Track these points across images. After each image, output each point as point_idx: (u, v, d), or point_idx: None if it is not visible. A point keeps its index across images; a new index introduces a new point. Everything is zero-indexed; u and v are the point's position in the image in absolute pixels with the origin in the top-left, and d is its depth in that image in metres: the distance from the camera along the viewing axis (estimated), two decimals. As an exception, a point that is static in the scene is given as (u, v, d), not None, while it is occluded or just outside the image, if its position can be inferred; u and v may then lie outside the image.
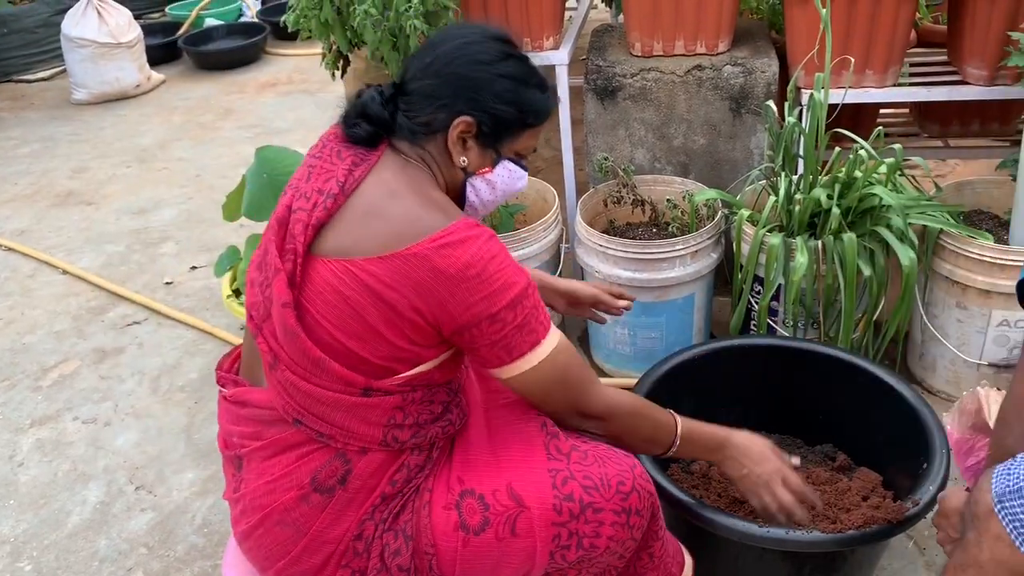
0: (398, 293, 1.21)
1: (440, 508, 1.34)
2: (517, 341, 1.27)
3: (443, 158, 1.36)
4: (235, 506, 1.39)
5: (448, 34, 1.38)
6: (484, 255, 1.22)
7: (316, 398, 1.28)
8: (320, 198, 1.28)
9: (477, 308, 1.22)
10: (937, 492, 1.60)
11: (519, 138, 1.40)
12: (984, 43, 2.30)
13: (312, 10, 2.33)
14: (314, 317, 1.25)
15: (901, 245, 2.00)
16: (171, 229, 3.52)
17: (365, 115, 1.34)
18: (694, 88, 2.44)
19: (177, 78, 5.28)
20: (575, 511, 1.33)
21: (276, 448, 1.32)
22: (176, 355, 2.72)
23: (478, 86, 1.32)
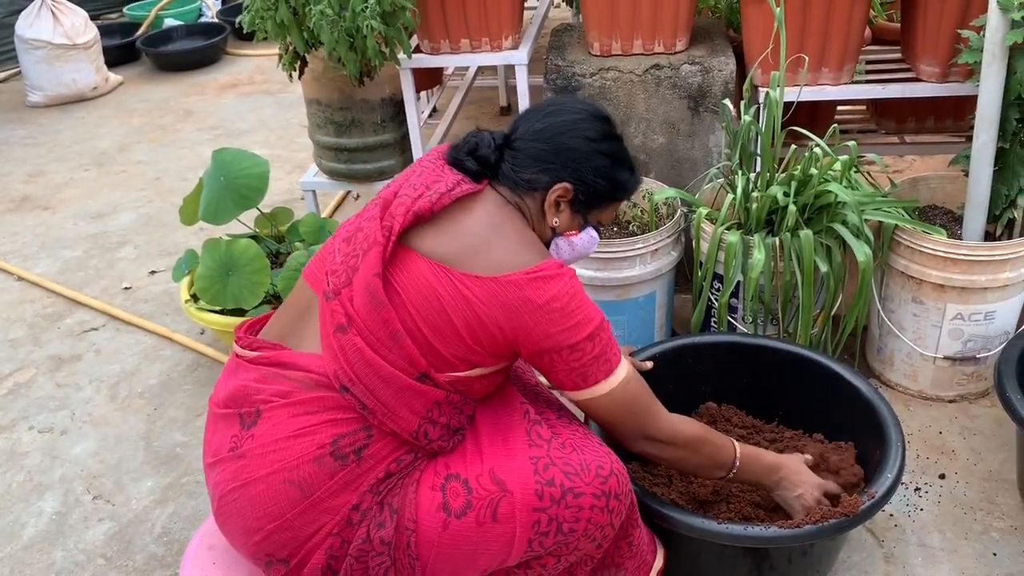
0: (489, 310, 1.35)
1: (426, 488, 1.40)
2: (593, 370, 1.41)
3: (538, 213, 1.50)
4: (228, 464, 1.40)
5: (563, 106, 1.54)
6: (568, 291, 1.37)
7: (375, 369, 1.35)
8: (427, 192, 1.41)
9: (559, 337, 1.37)
10: (894, 484, 1.62)
11: (605, 209, 1.57)
12: (936, 41, 2.33)
13: (267, 11, 2.31)
14: (402, 300, 1.36)
15: (857, 241, 2.02)
16: (130, 233, 3.47)
17: (474, 154, 1.48)
18: (652, 87, 2.45)
19: (136, 79, 5.21)
20: (556, 496, 1.38)
21: (309, 408, 1.38)
22: (135, 361, 2.68)
23: (582, 159, 1.48)
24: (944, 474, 2.06)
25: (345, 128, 2.71)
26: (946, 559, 1.85)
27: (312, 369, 1.40)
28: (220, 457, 1.42)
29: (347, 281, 1.39)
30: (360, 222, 1.46)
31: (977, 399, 2.26)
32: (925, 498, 2.00)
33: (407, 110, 2.67)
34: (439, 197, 1.40)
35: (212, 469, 1.44)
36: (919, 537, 1.90)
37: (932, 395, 2.27)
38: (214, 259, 2.38)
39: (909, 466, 2.08)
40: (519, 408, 1.50)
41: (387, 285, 1.37)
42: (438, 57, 2.58)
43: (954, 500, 1.99)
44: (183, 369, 2.63)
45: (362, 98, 2.66)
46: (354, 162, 2.77)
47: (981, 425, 2.19)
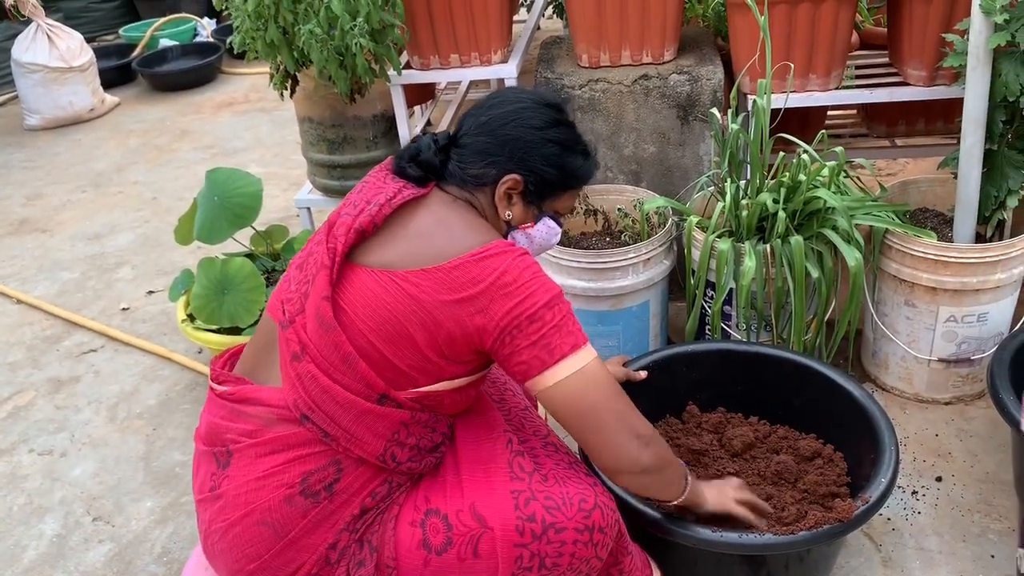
0: (439, 303, 1.30)
1: (406, 524, 1.38)
2: (557, 341, 1.32)
3: (490, 208, 1.46)
4: (210, 505, 1.40)
5: (505, 97, 1.49)
6: (519, 265, 1.32)
7: (332, 396, 1.33)
8: (367, 207, 1.38)
9: (517, 310, 1.30)
10: (888, 488, 1.62)
11: (560, 198, 1.51)
12: (922, 45, 2.35)
13: (257, 31, 2.33)
14: (351, 319, 1.33)
15: (847, 246, 2.03)
16: (127, 254, 3.48)
17: (416, 159, 1.45)
18: (642, 97, 2.46)
19: (132, 100, 5.23)
20: (537, 532, 1.35)
21: (274, 446, 1.36)
22: (134, 382, 2.69)
23: (528, 148, 1.43)
24: (941, 477, 2.06)
25: (338, 145, 2.73)
26: (944, 562, 1.85)
27: (273, 403, 1.38)
28: (203, 496, 1.42)
29: (300, 308, 1.37)
30: (311, 247, 1.43)
31: (973, 401, 2.26)
32: (922, 501, 2.00)
33: (399, 126, 2.68)
34: (379, 209, 1.37)
35: (199, 506, 1.45)
36: (917, 540, 1.90)
37: (928, 398, 2.27)
38: (209, 278, 2.39)
39: (906, 469, 2.09)
40: (502, 437, 1.47)
41: (336, 307, 1.34)
42: (428, 73, 2.59)
43: (951, 503, 1.99)
44: (181, 388, 2.64)
45: (354, 115, 2.68)
46: (347, 179, 2.78)
47: (977, 427, 2.19)
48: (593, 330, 2.32)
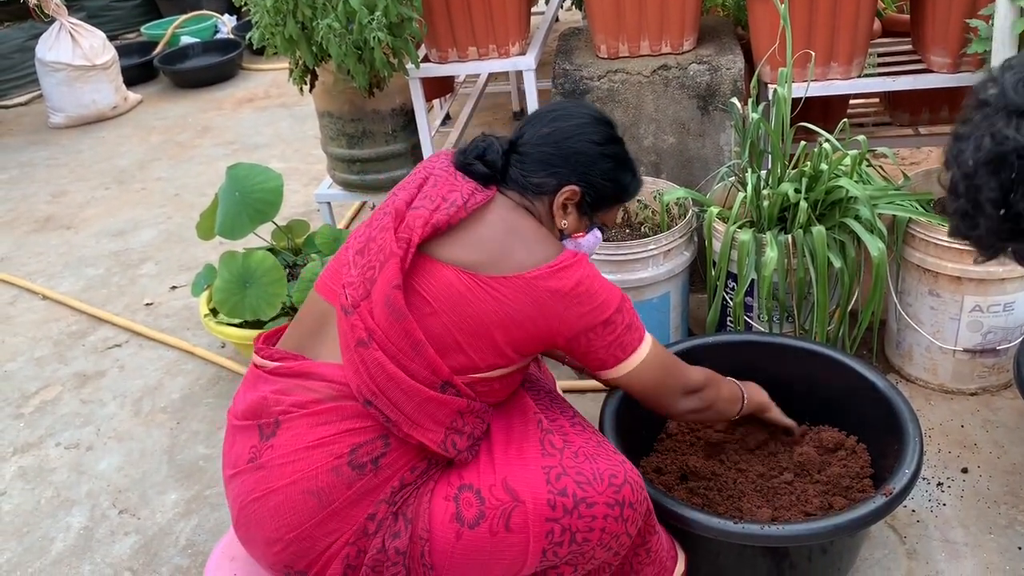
0: (520, 306, 1.40)
1: (440, 498, 1.41)
2: (628, 339, 1.48)
3: (546, 216, 1.53)
4: (249, 475, 1.42)
5: (567, 111, 1.57)
6: (590, 275, 1.44)
7: (397, 383, 1.37)
8: (444, 204, 1.43)
9: (591, 316, 1.43)
10: (912, 479, 1.61)
11: (610, 211, 1.62)
12: (945, 31, 2.31)
13: (276, 27, 2.34)
14: (434, 309, 1.39)
15: (870, 236, 2.01)
16: (151, 250, 3.52)
17: (483, 158, 1.51)
18: (661, 88, 2.45)
19: (154, 97, 5.28)
20: (568, 506, 1.39)
21: (328, 417, 1.39)
22: (158, 376, 2.72)
23: (588, 163, 1.52)
24: (967, 468, 2.03)
25: (357, 139, 2.74)
26: (970, 554, 1.83)
27: (335, 379, 1.41)
28: (239, 469, 1.43)
29: (365, 293, 1.40)
30: (371, 232, 1.46)
31: (999, 391, 2.24)
32: (948, 493, 1.98)
33: (417, 119, 2.69)
34: (456, 210, 1.42)
35: (232, 481, 1.46)
36: (942, 532, 1.88)
37: (953, 388, 2.25)
38: (231, 272, 2.41)
39: (931, 461, 2.06)
40: (533, 418, 1.51)
41: (414, 294, 1.39)
42: (446, 66, 2.59)
43: (977, 494, 1.97)
44: (205, 383, 2.66)
45: (373, 109, 2.69)
46: (367, 173, 2.79)
47: (1004, 418, 2.16)
48: (613, 322, 2.31)
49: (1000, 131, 1.02)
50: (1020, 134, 1.00)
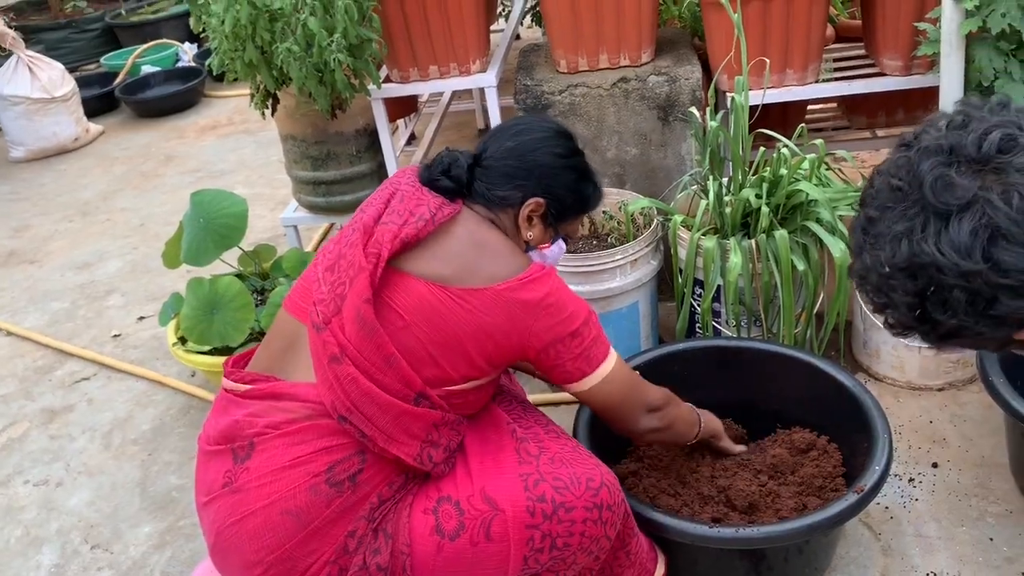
0: (492, 318, 1.41)
1: (419, 512, 1.42)
2: (595, 351, 1.49)
3: (512, 228, 1.56)
4: (224, 500, 1.41)
5: (529, 125, 1.61)
6: (557, 287, 1.47)
7: (372, 397, 1.37)
8: (412, 218, 1.45)
9: (559, 328, 1.45)
10: (882, 476, 1.62)
11: (572, 222, 1.65)
12: (896, 35, 2.37)
13: (235, 52, 2.34)
14: (406, 323, 1.40)
15: (831, 238, 2.04)
16: (117, 281, 3.48)
17: (448, 173, 1.53)
18: (621, 100, 2.47)
19: (117, 128, 5.23)
20: (547, 511, 1.40)
21: (304, 436, 1.40)
22: (127, 408, 2.69)
23: (552, 175, 1.55)
24: (937, 463, 2.06)
25: (321, 162, 2.73)
26: (943, 547, 1.85)
27: (308, 399, 1.41)
28: (214, 495, 1.42)
29: (336, 310, 1.40)
30: (340, 249, 1.47)
31: (965, 386, 2.27)
32: (919, 488, 2.00)
33: (381, 139, 2.69)
34: (424, 224, 1.44)
35: (207, 507, 1.44)
36: (916, 527, 1.91)
37: (920, 385, 2.28)
38: (198, 298, 2.39)
39: (902, 457, 2.09)
40: (506, 428, 1.52)
41: (385, 308, 1.40)
42: (408, 85, 2.61)
43: (948, 488, 1.99)
44: (176, 412, 2.63)
45: (336, 131, 2.69)
46: (333, 195, 2.79)
47: (971, 411, 2.20)
48: (584, 334, 2.32)
49: (917, 241, 0.95)
50: (941, 250, 0.93)
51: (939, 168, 0.96)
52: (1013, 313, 0.93)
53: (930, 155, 0.97)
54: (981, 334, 0.98)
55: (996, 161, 0.94)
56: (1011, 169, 0.93)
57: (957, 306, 0.95)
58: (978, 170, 0.95)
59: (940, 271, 0.94)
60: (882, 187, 1.01)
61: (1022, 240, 0.91)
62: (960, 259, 0.92)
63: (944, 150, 0.97)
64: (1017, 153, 0.93)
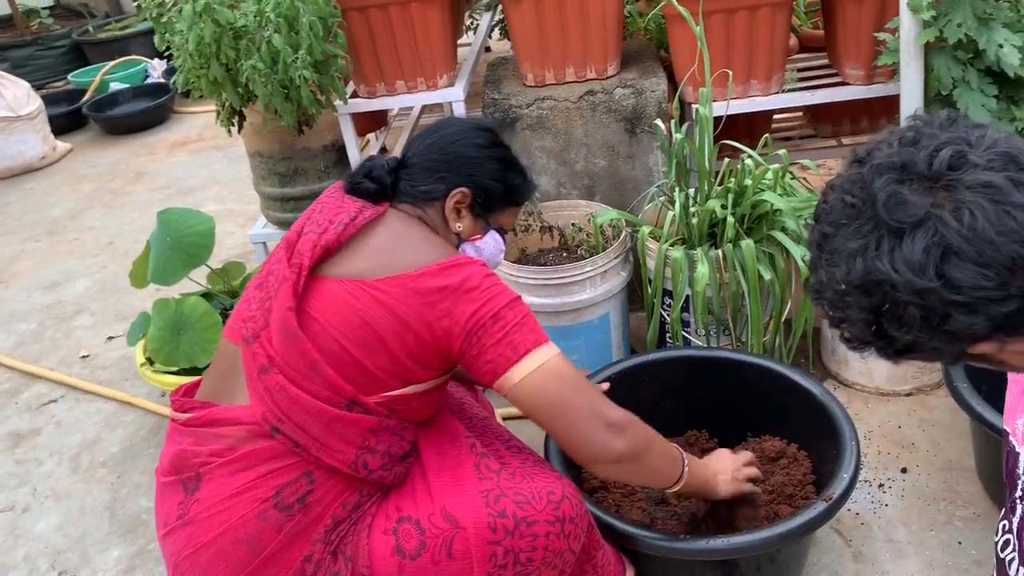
0: (409, 308, 1.37)
1: (379, 532, 1.40)
2: (520, 338, 1.39)
3: (441, 222, 1.55)
4: (179, 533, 1.39)
5: (448, 122, 1.63)
6: (480, 273, 1.41)
7: (301, 405, 1.36)
8: (331, 225, 1.44)
9: (481, 311, 1.38)
10: (851, 483, 1.63)
11: (504, 213, 1.63)
12: (857, 45, 2.39)
13: (200, 69, 2.32)
14: (322, 326, 1.38)
15: (796, 246, 2.06)
16: (85, 300, 3.44)
17: (370, 176, 1.53)
18: (589, 112, 2.48)
19: (85, 145, 5.18)
20: (509, 527, 1.39)
21: (247, 462, 1.38)
22: (96, 430, 2.65)
23: (474, 164, 1.55)
24: (906, 468, 2.08)
25: (289, 178, 2.72)
26: (913, 552, 1.86)
27: (243, 421, 1.40)
28: (170, 527, 1.41)
29: (264, 323, 1.41)
30: (269, 266, 1.48)
31: (933, 390, 2.29)
32: (889, 493, 2.02)
33: (349, 154, 2.68)
34: (343, 228, 1.43)
35: (165, 540, 1.43)
36: (886, 533, 1.92)
37: (889, 390, 2.30)
38: (164, 319, 2.37)
39: (871, 463, 2.10)
40: (465, 442, 1.51)
41: (303, 316, 1.39)
42: (375, 100, 2.60)
43: (917, 492, 2.01)
44: (145, 433, 2.60)
45: (303, 147, 2.68)
46: (301, 210, 2.74)
47: (938, 416, 2.22)
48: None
49: (872, 258, 0.96)
50: (895, 267, 0.94)
51: (892, 185, 0.96)
52: (966, 329, 0.95)
53: (883, 172, 0.98)
54: (936, 349, 0.99)
55: (947, 178, 0.95)
56: (961, 187, 0.94)
57: (912, 322, 0.96)
58: (929, 187, 0.96)
59: (894, 288, 0.95)
60: (835, 203, 1.01)
61: (973, 257, 0.92)
62: (914, 276, 0.93)
63: (896, 167, 0.98)
64: (967, 170, 0.94)
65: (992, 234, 0.91)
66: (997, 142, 0.96)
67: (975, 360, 1.04)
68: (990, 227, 0.91)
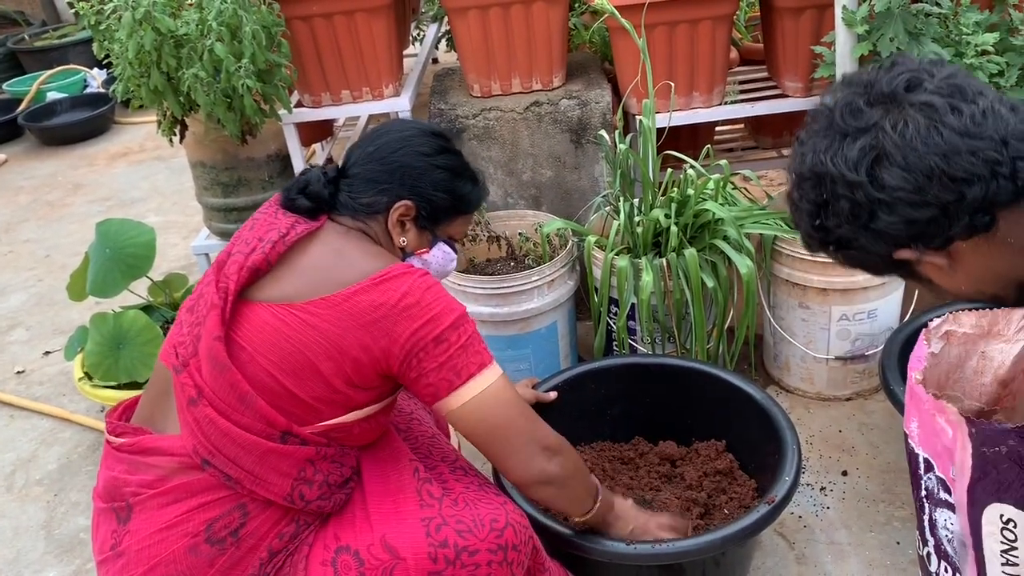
0: (343, 330, 1.30)
1: (317, 564, 1.35)
2: (464, 362, 1.34)
3: (384, 236, 1.46)
4: (112, 564, 1.35)
5: (391, 128, 1.52)
6: (420, 286, 1.33)
7: (232, 438, 1.30)
8: (259, 244, 1.36)
9: (421, 332, 1.31)
10: (792, 485, 1.66)
11: (453, 223, 1.54)
12: (795, 58, 2.46)
13: (140, 78, 2.28)
14: (250, 355, 1.31)
15: (738, 255, 2.10)
16: (20, 315, 3.34)
17: (305, 192, 1.43)
18: (535, 123, 2.50)
19: (21, 156, 5.05)
20: (451, 557, 1.34)
21: (176, 495, 1.33)
22: (31, 447, 2.57)
23: (418, 175, 1.46)
24: (846, 471, 2.12)
25: (232, 188, 2.69)
26: (854, 553, 1.90)
27: (174, 452, 1.35)
28: (104, 556, 1.37)
29: (193, 351, 1.35)
30: (200, 288, 1.42)
31: (871, 395, 2.35)
32: (830, 496, 2.06)
33: (294, 164, 2.66)
34: (272, 247, 1.36)
35: (100, 567, 1.39)
36: (828, 535, 1.96)
37: (829, 395, 2.35)
38: (103, 334, 2.31)
39: (814, 466, 2.15)
40: (408, 466, 1.47)
41: (231, 345, 1.32)
42: (320, 110, 2.59)
43: (857, 495, 2.05)
44: (84, 450, 2.53)
45: (247, 156, 2.65)
46: (244, 221, 2.74)
47: (877, 420, 2.27)
48: (503, 355, 2.33)
49: (819, 152, 1.09)
50: (835, 162, 1.07)
51: (851, 96, 1.10)
52: (888, 228, 1.07)
53: (851, 86, 1.12)
54: (863, 247, 1.11)
55: (900, 97, 1.07)
56: (907, 104, 1.06)
57: (842, 215, 1.09)
58: (884, 103, 1.08)
59: (833, 182, 1.08)
60: (815, 110, 1.15)
61: (899, 162, 1.04)
62: (847, 170, 1.06)
63: (862, 83, 1.11)
64: (919, 92, 1.07)
65: (919, 144, 1.04)
66: (954, 75, 1.09)
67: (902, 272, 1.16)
68: (919, 138, 1.04)
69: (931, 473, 1.46)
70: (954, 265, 1.11)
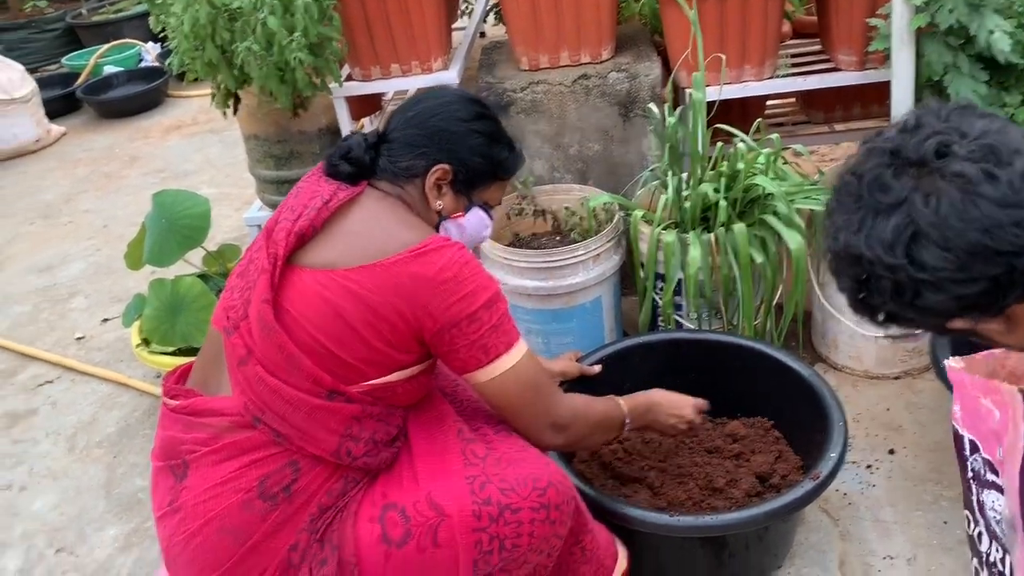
0: (380, 297, 1.34)
1: (365, 520, 1.39)
2: (494, 341, 1.40)
3: (421, 200, 1.50)
4: (170, 519, 1.40)
5: (430, 93, 1.57)
6: (457, 260, 1.37)
7: (281, 395, 1.35)
8: (304, 211, 1.41)
9: (456, 308, 1.36)
10: (838, 462, 1.66)
11: (488, 188, 1.57)
12: (849, 31, 2.41)
13: (195, 51, 2.33)
14: (295, 318, 1.36)
15: (788, 230, 2.08)
16: (80, 283, 3.45)
17: (347, 157, 1.48)
18: (583, 97, 2.50)
19: (79, 129, 5.18)
20: (494, 514, 1.38)
21: (230, 452, 1.37)
22: (92, 411, 2.67)
23: (455, 139, 1.50)
24: (893, 449, 2.11)
25: (284, 161, 2.73)
26: (899, 531, 1.89)
27: (226, 412, 1.39)
28: (163, 512, 1.42)
29: (244, 314, 1.40)
30: (251, 254, 1.47)
31: (921, 374, 2.32)
32: (877, 474, 2.05)
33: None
34: (317, 212, 1.40)
35: (159, 524, 1.45)
36: (873, 513, 1.95)
37: (877, 374, 2.33)
38: (160, 300, 2.38)
39: (860, 444, 2.13)
40: (452, 427, 1.50)
41: (278, 308, 1.37)
42: (369, 84, 2.61)
43: (904, 474, 2.04)
44: (141, 414, 2.62)
45: (299, 130, 2.69)
46: (297, 194, 2.79)
47: (926, 399, 2.25)
48: (548, 328, 2.34)
49: (851, 232, 1.05)
50: (869, 244, 1.02)
51: (878, 169, 1.05)
52: (936, 305, 1.02)
53: (876, 156, 1.07)
54: (913, 320, 1.08)
55: (931, 166, 1.02)
56: (938, 175, 1.01)
57: (886, 294, 1.05)
58: (914, 174, 1.03)
59: (870, 263, 1.03)
60: (841, 180, 1.11)
61: (937, 241, 0.99)
62: (883, 253, 1.02)
63: (888, 152, 1.06)
64: (950, 160, 1.01)
65: (955, 220, 0.98)
66: (987, 134, 1.02)
67: (960, 334, 1.11)
68: (955, 214, 0.99)
69: (977, 454, 1.45)
70: (1012, 327, 1.07)
